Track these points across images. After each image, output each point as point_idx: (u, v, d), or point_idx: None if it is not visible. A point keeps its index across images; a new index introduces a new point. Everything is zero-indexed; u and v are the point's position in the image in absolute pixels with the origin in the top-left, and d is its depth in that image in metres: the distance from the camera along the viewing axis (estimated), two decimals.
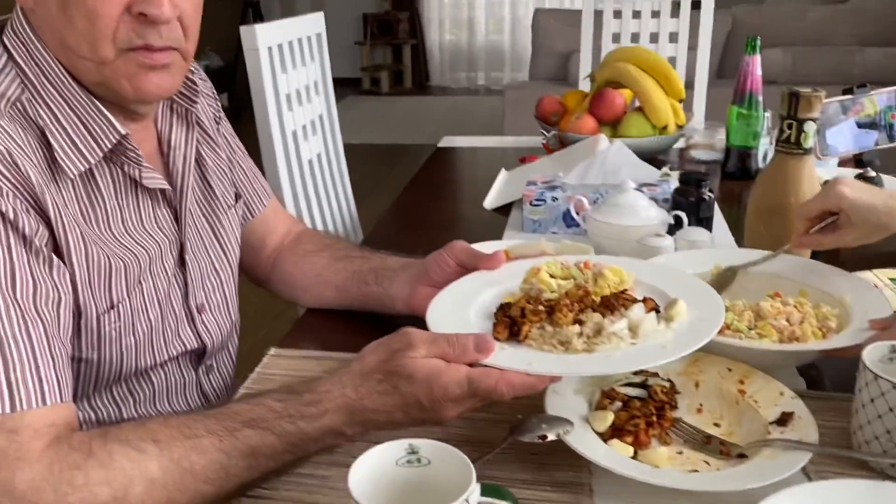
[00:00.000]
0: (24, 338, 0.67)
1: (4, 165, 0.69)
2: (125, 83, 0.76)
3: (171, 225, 0.87)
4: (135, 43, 0.74)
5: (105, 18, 0.72)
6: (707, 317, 0.76)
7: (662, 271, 0.89)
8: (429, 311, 0.80)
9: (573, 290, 0.80)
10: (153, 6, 0.72)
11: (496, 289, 0.85)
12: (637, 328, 0.74)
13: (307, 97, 1.62)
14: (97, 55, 0.74)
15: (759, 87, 1.53)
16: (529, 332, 0.74)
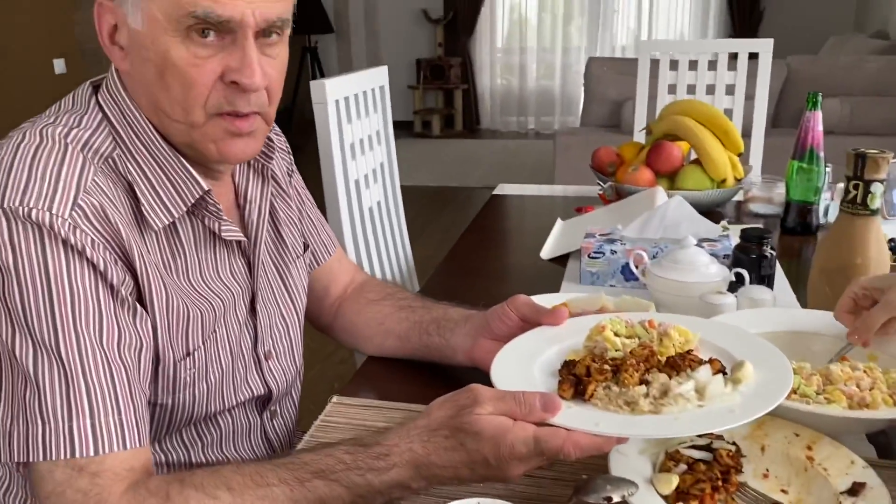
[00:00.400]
0: (108, 383, 0.71)
1: (97, 219, 0.73)
2: (212, 146, 0.80)
3: (245, 275, 0.91)
4: (224, 108, 0.78)
5: (200, 86, 0.76)
6: (775, 380, 0.75)
7: (727, 331, 0.89)
8: (493, 366, 0.80)
9: (638, 350, 0.80)
10: (246, 76, 0.76)
11: (559, 345, 0.86)
12: (704, 390, 0.74)
13: (369, 146, 1.67)
14: (188, 119, 0.78)
15: (820, 143, 1.52)
16: (595, 392, 0.74)
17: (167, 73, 0.76)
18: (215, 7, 0.73)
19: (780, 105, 3.88)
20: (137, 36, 0.76)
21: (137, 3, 0.74)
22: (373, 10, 7.52)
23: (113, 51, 0.79)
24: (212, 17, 0.73)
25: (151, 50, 0.75)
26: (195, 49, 0.75)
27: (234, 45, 0.76)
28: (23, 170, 0.72)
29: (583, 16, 7.20)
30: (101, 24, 0.78)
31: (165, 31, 0.74)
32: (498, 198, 1.97)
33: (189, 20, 0.73)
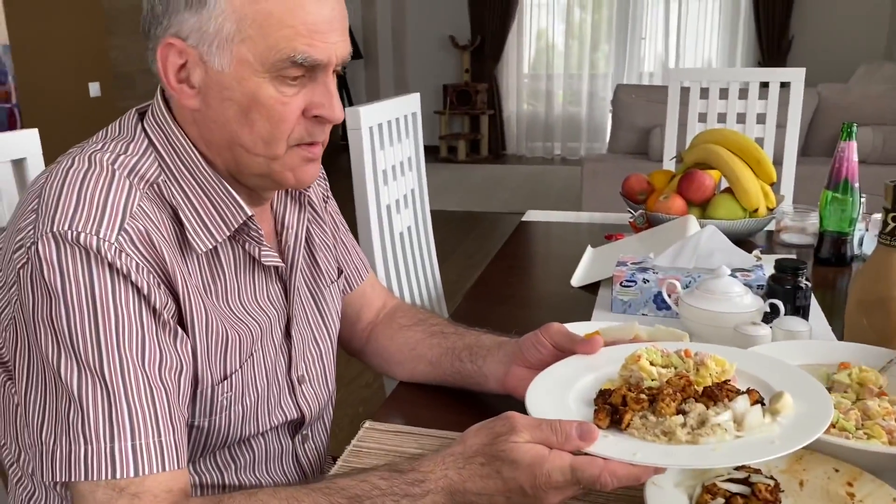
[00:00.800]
0: (149, 406, 0.72)
1: (142, 243, 0.74)
2: (289, 174, 0.84)
3: (281, 299, 0.92)
4: (304, 140, 0.82)
5: (287, 122, 0.80)
6: (815, 412, 0.75)
7: (764, 361, 0.88)
8: (528, 395, 0.80)
9: (674, 380, 0.79)
10: (330, 111, 0.81)
11: (594, 374, 0.86)
12: (742, 420, 0.73)
13: (401, 171, 1.69)
14: (271, 152, 0.81)
15: (855, 174, 1.51)
16: (632, 421, 0.74)
17: (253, 111, 0.79)
18: (311, 52, 0.77)
19: (811, 133, 3.85)
20: (219, 77, 0.78)
21: (224, 46, 0.76)
22: (401, 37, 7.62)
23: (180, 90, 0.80)
24: (309, 61, 0.77)
25: (237, 90, 0.78)
26: (283, 88, 0.78)
27: (314, 81, 0.80)
28: (72, 195, 0.74)
29: (610, 42, 7.23)
30: (167, 63, 0.79)
31: (256, 72, 0.77)
32: (526, 224, 1.97)
33: (286, 63, 0.77)
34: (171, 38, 0.77)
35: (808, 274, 1.19)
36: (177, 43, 0.78)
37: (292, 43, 0.76)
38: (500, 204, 5.58)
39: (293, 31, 0.76)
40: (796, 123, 2.22)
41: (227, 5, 0.75)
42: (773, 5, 6.53)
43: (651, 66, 7.24)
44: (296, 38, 0.76)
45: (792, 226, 1.68)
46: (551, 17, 7.30)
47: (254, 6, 0.75)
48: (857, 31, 6.48)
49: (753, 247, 1.63)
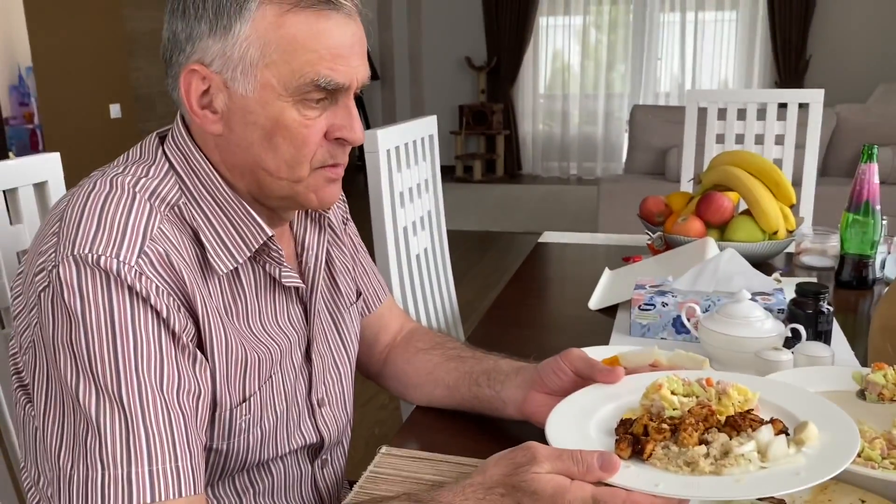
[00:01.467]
0: (167, 430, 0.71)
1: (162, 266, 0.75)
2: (312, 196, 0.84)
3: (301, 321, 0.92)
4: (327, 162, 0.83)
5: (311, 145, 0.81)
6: (841, 442, 0.73)
7: (787, 390, 0.87)
8: (548, 424, 0.80)
9: (697, 409, 0.78)
10: (352, 132, 0.82)
11: (615, 403, 0.85)
12: (766, 451, 0.72)
13: (418, 193, 1.69)
14: (295, 175, 0.82)
15: (876, 196, 1.49)
16: (654, 451, 0.73)
17: (277, 135, 0.79)
18: (334, 76, 0.78)
19: (829, 154, 3.83)
20: (243, 101, 0.79)
21: (249, 71, 0.77)
22: (417, 58, 7.68)
23: (203, 115, 0.80)
24: (332, 84, 0.78)
25: (261, 114, 0.79)
26: (306, 112, 0.79)
27: (336, 104, 0.81)
28: (93, 218, 0.74)
29: (626, 63, 7.25)
30: (190, 89, 0.79)
31: (280, 96, 0.78)
32: (543, 245, 1.97)
33: (309, 87, 0.78)
34: (194, 64, 0.78)
35: (829, 298, 1.17)
36: (200, 69, 0.78)
37: (316, 67, 0.77)
38: (516, 224, 5.58)
39: (317, 55, 0.77)
40: (815, 145, 2.21)
41: (251, 31, 0.76)
42: (789, 25, 6.52)
43: (667, 87, 7.24)
44: (319, 62, 0.77)
45: (812, 248, 1.66)
46: (567, 38, 7.33)
47: (278, 32, 0.76)
48: (874, 51, 6.45)
49: (773, 269, 1.61)
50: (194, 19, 0.77)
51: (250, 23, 0.76)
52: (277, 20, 0.76)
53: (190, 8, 0.78)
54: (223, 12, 0.76)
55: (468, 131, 7.34)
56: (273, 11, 0.76)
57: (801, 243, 1.68)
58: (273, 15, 0.76)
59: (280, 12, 0.76)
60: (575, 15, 7.22)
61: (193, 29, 0.78)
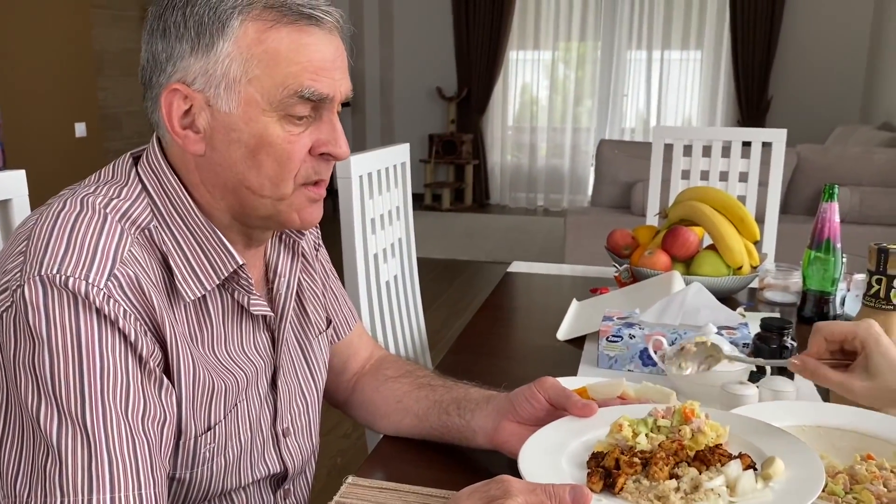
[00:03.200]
0: (131, 457, 0.70)
1: (131, 290, 0.73)
2: (295, 215, 0.83)
3: (269, 349, 0.91)
4: (311, 178, 0.82)
5: (295, 160, 0.80)
6: (806, 477, 0.74)
7: (756, 425, 0.88)
8: (521, 458, 0.79)
9: (667, 443, 0.79)
10: (338, 147, 0.82)
11: (587, 436, 0.85)
12: (735, 486, 0.73)
13: (389, 221, 1.69)
14: (278, 193, 0.81)
15: (836, 234, 1.53)
16: (625, 485, 0.73)
17: (261, 151, 0.79)
18: (317, 86, 0.78)
19: (790, 192, 3.92)
20: (226, 118, 0.78)
21: (232, 87, 0.77)
22: (388, 86, 7.73)
23: (184, 135, 0.79)
24: (315, 95, 0.78)
25: (244, 131, 0.78)
26: (290, 127, 0.79)
27: (320, 119, 0.81)
28: (62, 238, 0.73)
29: (593, 98, 7.38)
30: (171, 109, 0.78)
31: (264, 111, 0.77)
32: (512, 275, 1.98)
33: (293, 100, 0.77)
34: (175, 84, 0.78)
35: (793, 333, 1.20)
36: (182, 88, 0.78)
37: (299, 79, 0.77)
38: (484, 253, 5.60)
39: (300, 67, 0.77)
40: (778, 182, 2.26)
41: (233, 48, 0.76)
42: (751, 66, 6.71)
43: (632, 123, 7.38)
44: (302, 73, 0.77)
45: (775, 284, 1.70)
46: (536, 72, 7.45)
47: (260, 47, 0.76)
48: (832, 94, 6.67)
49: (737, 304, 1.64)
50: (175, 39, 0.77)
51: (232, 40, 0.76)
52: (259, 36, 0.76)
53: (171, 28, 0.77)
54: (205, 31, 0.76)
55: (438, 160, 7.39)
56: (255, 28, 0.76)
57: (764, 279, 1.71)
58: (255, 31, 0.76)
59: (262, 28, 0.76)
60: (544, 50, 7.35)
61: (174, 49, 0.77)
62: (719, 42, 6.90)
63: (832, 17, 6.56)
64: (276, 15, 0.76)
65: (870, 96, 6.41)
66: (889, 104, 5.73)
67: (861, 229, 3.60)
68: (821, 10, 6.58)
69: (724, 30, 6.82)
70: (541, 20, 7.25)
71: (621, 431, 0.83)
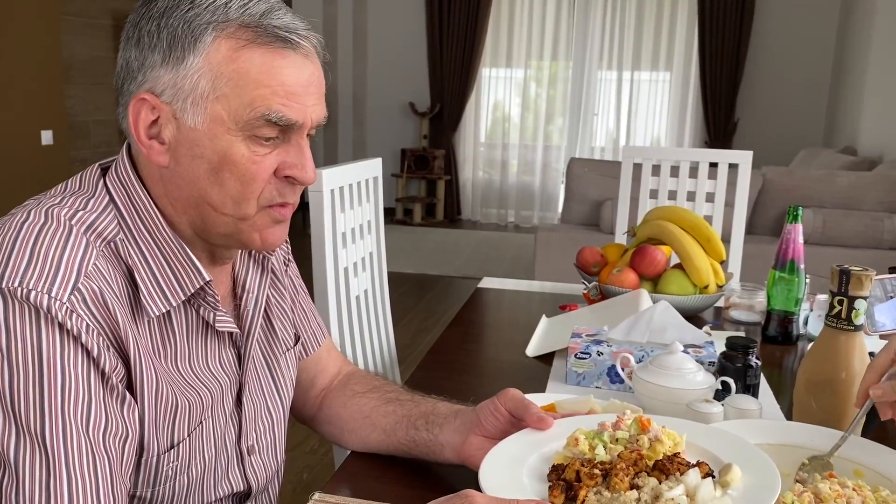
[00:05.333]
0: (91, 474, 0.68)
1: (94, 304, 0.72)
2: (256, 236, 0.82)
3: (234, 366, 0.90)
4: (275, 201, 0.81)
5: (259, 181, 0.79)
6: (763, 484, 0.76)
7: (711, 433, 0.89)
8: (481, 472, 0.79)
9: (626, 453, 0.79)
10: (303, 172, 0.81)
11: (546, 448, 0.85)
12: (694, 494, 0.74)
13: (360, 235, 1.69)
14: (240, 212, 0.80)
15: (800, 255, 1.56)
16: (586, 497, 0.73)
17: (224, 169, 0.78)
18: (286, 111, 0.77)
19: (756, 213, 3.99)
20: (191, 133, 0.77)
21: (199, 102, 0.76)
22: (361, 101, 7.73)
23: (150, 146, 0.79)
24: (283, 120, 0.77)
25: (208, 147, 0.77)
26: (255, 148, 0.78)
27: (288, 143, 0.80)
28: (25, 250, 0.71)
29: (564, 116, 7.46)
30: (138, 118, 0.78)
31: (229, 130, 0.76)
32: (482, 291, 1.98)
33: (260, 122, 0.76)
34: (144, 93, 0.77)
35: (757, 352, 1.21)
36: (150, 98, 0.77)
37: (268, 102, 0.76)
38: (454, 268, 5.60)
39: (269, 90, 0.76)
40: (743, 203, 2.30)
41: (204, 63, 0.75)
42: (719, 89, 6.85)
43: (602, 142, 7.47)
44: (272, 97, 0.76)
45: (740, 303, 1.72)
46: (508, 90, 7.52)
47: (231, 65, 0.75)
48: (798, 118, 6.83)
49: (703, 322, 1.66)
50: (148, 49, 0.76)
51: (204, 55, 0.75)
52: (232, 54, 0.75)
53: (145, 37, 0.76)
54: (177, 44, 0.75)
55: (409, 175, 7.40)
56: (228, 46, 0.75)
57: (729, 298, 1.74)
58: (228, 49, 0.75)
59: (235, 47, 0.75)
60: (516, 68, 7.42)
61: (146, 58, 0.76)
62: (688, 64, 7.03)
63: (797, 42, 6.73)
64: (250, 34, 0.75)
65: (833, 120, 6.57)
66: (851, 128, 5.87)
67: (824, 250, 3.68)
68: (786, 35, 6.75)
69: (693, 52, 6.95)
70: (513, 38, 7.33)
71: (578, 445, 0.83)
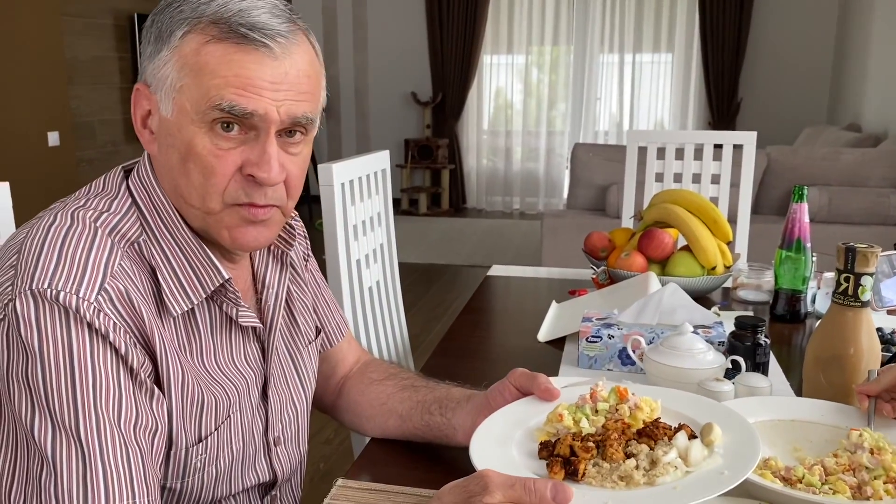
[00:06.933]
0: (125, 466, 0.71)
1: (121, 303, 0.74)
2: (225, 233, 0.82)
3: (259, 360, 0.92)
4: (241, 200, 0.80)
5: (219, 176, 0.79)
6: (743, 439, 0.80)
7: (680, 396, 0.93)
8: (472, 452, 0.81)
9: (612, 423, 0.82)
10: (263, 171, 0.79)
11: (528, 424, 0.88)
12: (686, 456, 0.76)
13: (371, 227, 1.71)
14: (205, 206, 0.81)
15: (807, 234, 1.58)
16: (587, 470, 0.76)
17: (189, 160, 0.79)
18: (240, 101, 0.76)
19: (761, 193, 4.00)
20: (166, 123, 0.80)
21: (169, 94, 0.79)
22: (363, 92, 7.73)
23: (143, 134, 0.83)
24: (236, 109, 0.76)
25: (177, 137, 0.79)
26: (217, 141, 0.78)
27: (256, 140, 0.79)
28: (52, 252, 0.74)
29: (566, 102, 7.45)
30: (136, 108, 0.82)
31: (192, 121, 0.78)
32: (492, 279, 2.00)
33: (214, 112, 0.76)
34: (140, 84, 0.81)
35: (766, 331, 1.23)
36: (142, 89, 0.81)
37: (220, 91, 0.76)
38: (461, 257, 5.62)
39: (224, 80, 0.76)
40: (749, 184, 2.31)
41: (172, 54, 0.78)
42: (721, 70, 6.83)
43: (606, 126, 7.46)
44: (226, 87, 0.76)
45: (748, 283, 1.74)
46: (510, 76, 7.50)
47: (195, 57, 0.77)
48: (800, 96, 6.80)
49: (711, 303, 1.67)
50: (147, 42, 0.81)
51: (174, 48, 0.78)
52: (198, 48, 0.77)
53: (147, 32, 0.81)
54: (161, 37, 0.79)
55: (414, 165, 7.40)
56: (196, 40, 0.77)
57: (737, 278, 1.75)
58: (196, 43, 0.77)
59: (202, 41, 0.77)
60: (518, 54, 7.40)
61: (146, 50, 0.81)
62: (689, 45, 7.01)
63: (799, 19, 6.69)
64: (217, 31, 0.77)
65: (836, 97, 6.54)
66: (855, 105, 5.85)
67: (830, 228, 3.69)
68: (788, 13, 6.71)
69: (695, 33, 6.92)
70: (514, 24, 7.31)
71: (562, 420, 0.85)
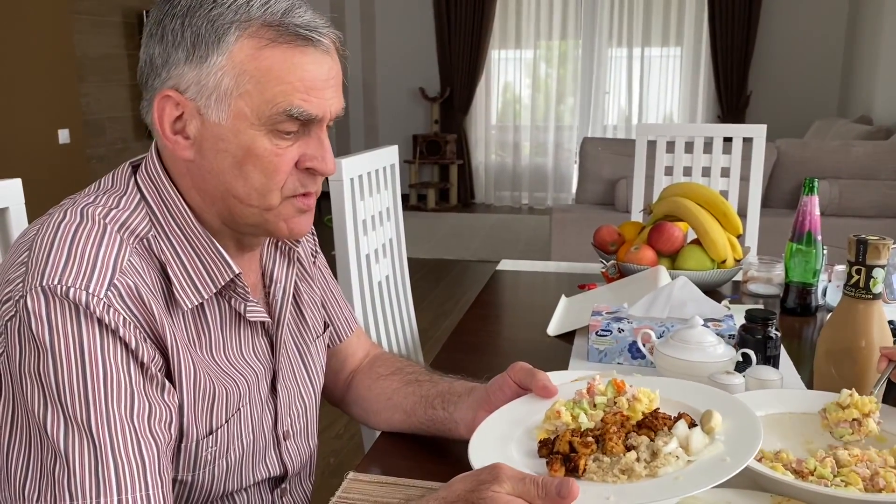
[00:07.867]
0: (137, 459, 0.71)
1: (131, 299, 0.75)
2: (283, 225, 0.85)
3: (267, 354, 0.93)
4: (298, 191, 0.84)
5: (281, 173, 0.82)
6: (744, 424, 0.79)
7: (676, 384, 0.93)
8: (472, 454, 0.81)
9: (610, 417, 0.81)
10: (324, 163, 0.83)
11: (530, 422, 0.88)
12: (687, 445, 0.76)
13: (380, 222, 1.71)
14: (265, 203, 0.83)
15: (817, 227, 1.57)
16: (587, 466, 0.75)
17: (248, 163, 0.80)
18: (307, 107, 0.80)
19: (771, 186, 3.98)
20: (215, 129, 0.79)
21: (223, 99, 0.78)
22: (371, 88, 7.73)
23: (175, 141, 0.81)
24: (304, 115, 0.80)
25: (232, 142, 0.80)
26: (277, 141, 0.80)
27: (308, 135, 0.83)
28: (62, 249, 0.74)
29: (574, 96, 7.42)
30: (163, 114, 0.80)
31: (252, 125, 0.79)
32: (501, 273, 2.00)
33: (282, 117, 0.79)
34: (168, 90, 0.79)
35: (777, 324, 1.23)
36: (174, 95, 0.79)
37: (289, 97, 0.78)
38: (470, 252, 5.62)
39: (290, 86, 0.78)
40: (759, 177, 2.30)
41: (227, 62, 0.77)
42: (730, 63, 6.79)
43: (614, 120, 7.43)
44: (293, 93, 0.79)
45: (758, 276, 1.73)
46: (518, 71, 7.49)
47: (254, 63, 0.78)
48: (811, 89, 6.75)
49: (722, 297, 1.67)
50: (171, 46, 0.78)
51: (227, 54, 0.77)
52: (255, 53, 0.77)
53: (168, 34, 0.79)
54: (201, 42, 0.77)
55: (422, 160, 7.40)
56: (250, 45, 0.77)
57: (747, 272, 1.75)
58: (250, 48, 0.77)
59: (258, 46, 0.78)
60: (525, 49, 7.38)
61: (170, 55, 0.79)
62: (698, 38, 6.97)
63: (809, 11, 6.65)
64: (272, 34, 0.78)
65: (847, 90, 6.49)
66: (866, 97, 5.81)
67: (841, 221, 3.67)
68: (797, 5, 6.66)
69: (703, 26, 6.88)
70: (522, 19, 7.29)
71: (560, 417, 0.85)
